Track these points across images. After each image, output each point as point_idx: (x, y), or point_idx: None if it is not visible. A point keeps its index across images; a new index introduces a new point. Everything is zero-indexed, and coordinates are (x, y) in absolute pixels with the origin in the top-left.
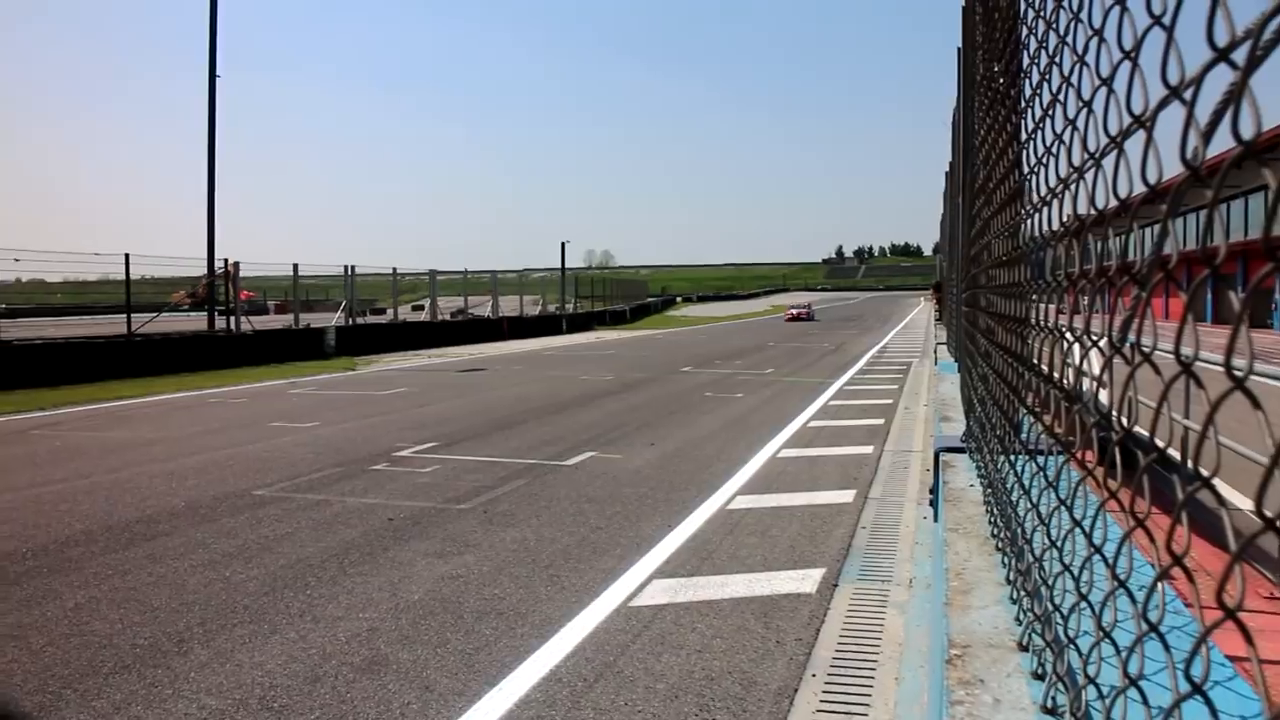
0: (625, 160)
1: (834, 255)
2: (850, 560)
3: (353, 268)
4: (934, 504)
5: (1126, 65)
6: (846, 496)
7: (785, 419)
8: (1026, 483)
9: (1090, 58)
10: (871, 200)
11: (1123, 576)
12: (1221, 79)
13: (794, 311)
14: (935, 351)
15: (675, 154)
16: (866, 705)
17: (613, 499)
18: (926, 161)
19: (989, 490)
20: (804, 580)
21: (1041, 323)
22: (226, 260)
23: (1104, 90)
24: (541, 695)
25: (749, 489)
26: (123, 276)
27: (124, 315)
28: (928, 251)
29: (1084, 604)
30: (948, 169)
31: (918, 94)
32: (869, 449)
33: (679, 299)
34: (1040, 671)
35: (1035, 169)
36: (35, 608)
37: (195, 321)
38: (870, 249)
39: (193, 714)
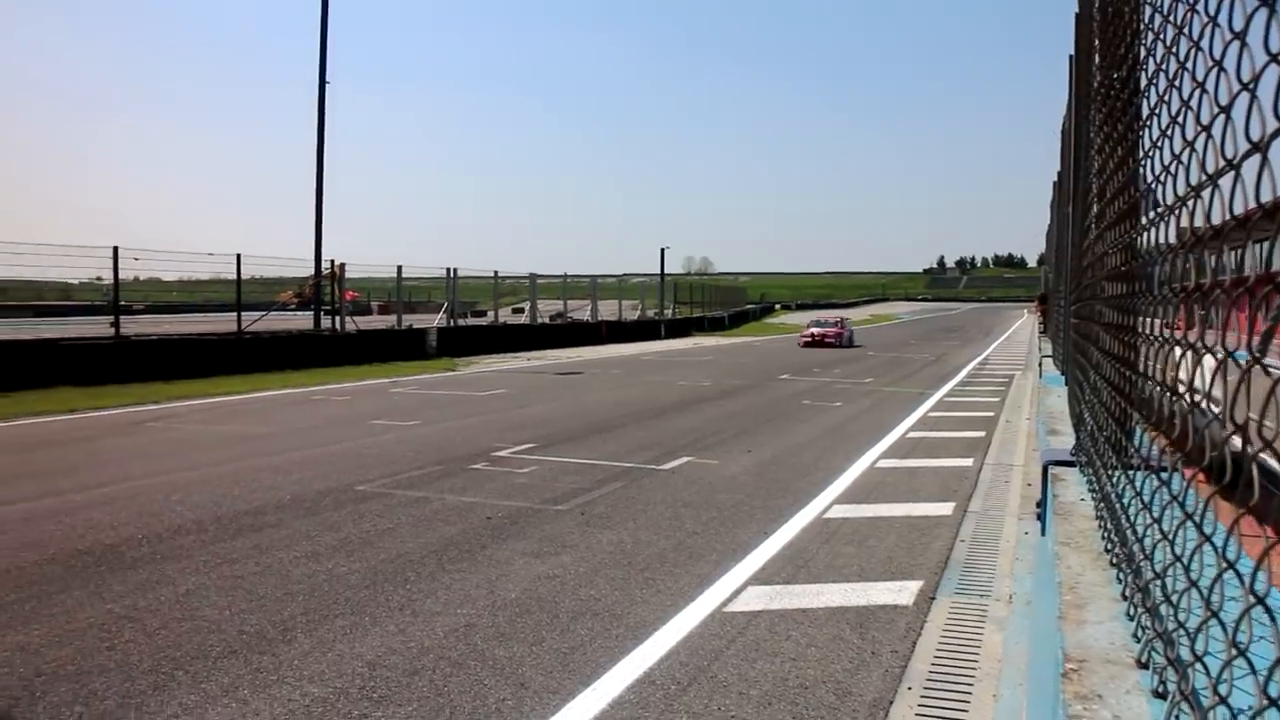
0: (727, 166)
1: (935, 265)
2: (948, 573)
3: (455, 270)
4: (1041, 517)
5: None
6: (945, 509)
7: (884, 429)
8: (1146, 498)
9: (1210, 84)
10: (974, 211)
11: (1260, 593)
12: None
13: (815, 332)
14: (1040, 365)
15: (776, 160)
16: None
17: (709, 504)
18: (1032, 172)
19: (1102, 505)
20: (901, 592)
21: (1167, 335)
22: (333, 261)
23: (1222, 117)
24: (635, 696)
25: (846, 498)
26: (233, 275)
27: (234, 313)
28: (1031, 263)
29: (1213, 621)
30: (1056, 179)
31: (1024, 103)
32: (969, 461)
33: (778, 306)
34: (1162, 690)
35: (1160, 178)
36: (150, 592)
37: (301, 320)
38: (972, 259)
39: (296, 700)
